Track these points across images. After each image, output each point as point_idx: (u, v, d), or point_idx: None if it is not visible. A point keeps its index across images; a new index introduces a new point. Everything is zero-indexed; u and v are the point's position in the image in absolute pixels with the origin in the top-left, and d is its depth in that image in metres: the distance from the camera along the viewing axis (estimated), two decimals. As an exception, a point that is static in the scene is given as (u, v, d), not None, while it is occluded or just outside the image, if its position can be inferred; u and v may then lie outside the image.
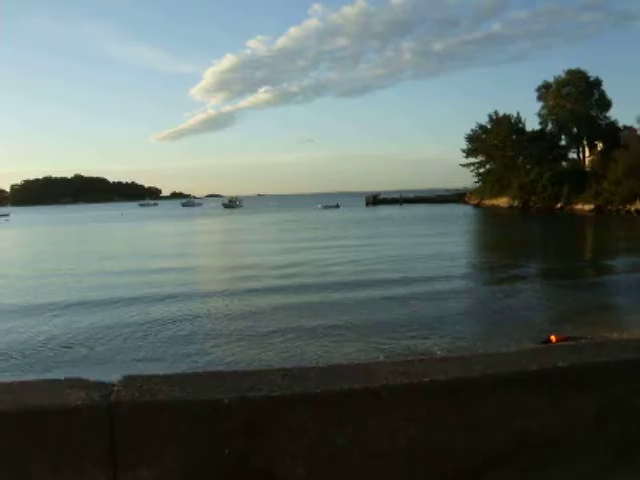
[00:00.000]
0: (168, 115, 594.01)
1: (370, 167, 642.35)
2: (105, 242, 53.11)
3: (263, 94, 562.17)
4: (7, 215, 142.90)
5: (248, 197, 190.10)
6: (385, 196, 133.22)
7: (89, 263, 32.62)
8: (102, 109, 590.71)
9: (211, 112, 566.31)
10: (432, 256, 30.47)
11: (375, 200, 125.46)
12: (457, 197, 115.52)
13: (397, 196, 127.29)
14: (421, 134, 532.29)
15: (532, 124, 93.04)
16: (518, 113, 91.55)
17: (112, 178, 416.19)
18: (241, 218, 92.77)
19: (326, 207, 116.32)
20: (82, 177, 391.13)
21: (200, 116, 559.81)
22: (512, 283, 22.31)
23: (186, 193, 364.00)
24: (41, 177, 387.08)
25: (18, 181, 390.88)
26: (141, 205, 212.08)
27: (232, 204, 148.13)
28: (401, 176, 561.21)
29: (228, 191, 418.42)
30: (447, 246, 36.46)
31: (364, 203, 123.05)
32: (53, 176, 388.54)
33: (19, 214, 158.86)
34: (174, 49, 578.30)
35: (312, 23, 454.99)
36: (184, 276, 26.00)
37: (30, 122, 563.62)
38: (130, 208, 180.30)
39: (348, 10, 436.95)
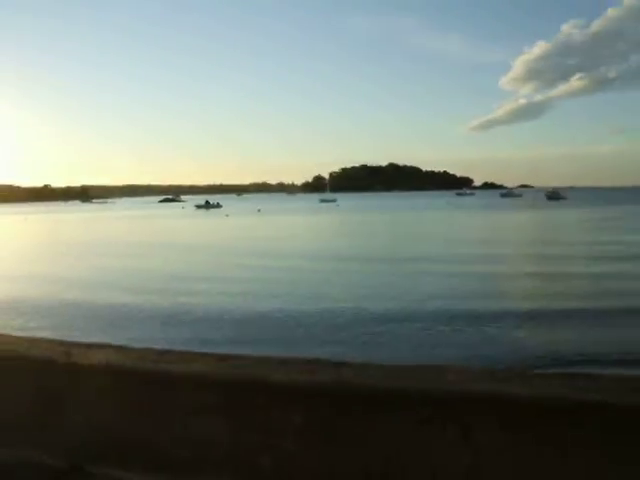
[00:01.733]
0: (476, 105, 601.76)
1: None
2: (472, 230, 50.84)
3: (576, 81, 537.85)
4: (335, 200, 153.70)
5: (561, 188, 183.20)
6: None
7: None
8: (415, 99, 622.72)
9: (521, 102, 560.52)
10: None
11: None
12: None
13: None
14: None
15: None
16: None
17: (424, 167, 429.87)
18: (583, 213, 74.45)
19: None
20: (396, 165, 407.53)
21: (509, 106, 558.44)
22: None
23: (497, 183, 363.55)
24: (357, 165, 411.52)
25: (336, 169, 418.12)
26: (458, 194, 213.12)
27: (555, 196, 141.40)
28: None
29: (539, 182, 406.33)
30: None
31: None
32: (368, 164, 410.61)
33: (342, 200, 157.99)
34: (481, 38, 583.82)
35: (632, 1, 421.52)
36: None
37: (343, 112, 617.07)
38: (447, 197, 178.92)
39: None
